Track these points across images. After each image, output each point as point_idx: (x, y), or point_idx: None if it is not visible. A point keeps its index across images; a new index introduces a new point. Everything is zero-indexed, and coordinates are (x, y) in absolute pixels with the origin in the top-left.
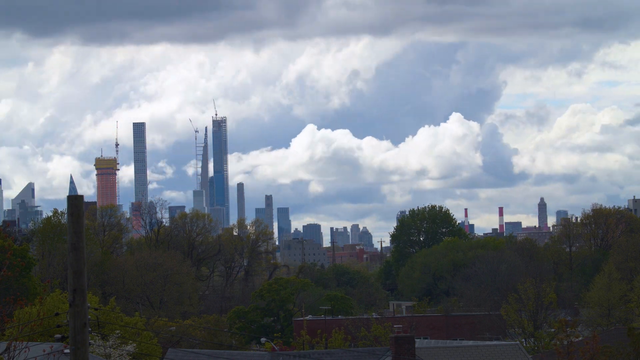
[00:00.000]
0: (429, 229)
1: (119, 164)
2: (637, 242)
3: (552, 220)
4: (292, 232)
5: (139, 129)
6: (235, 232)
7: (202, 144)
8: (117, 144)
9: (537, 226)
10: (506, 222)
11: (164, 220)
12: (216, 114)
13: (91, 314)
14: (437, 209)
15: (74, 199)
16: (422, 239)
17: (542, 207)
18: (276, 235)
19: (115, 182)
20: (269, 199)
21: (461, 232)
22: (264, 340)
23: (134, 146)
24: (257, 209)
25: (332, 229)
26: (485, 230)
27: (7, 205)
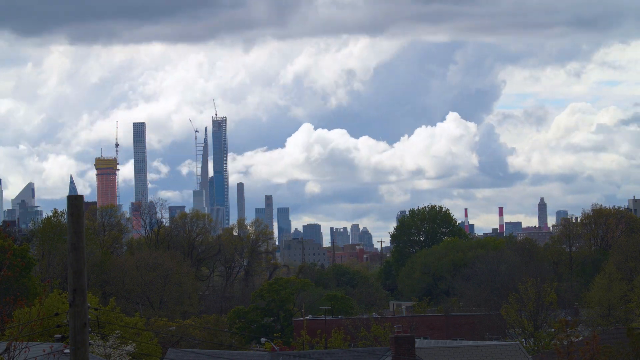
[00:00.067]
0: (429, 229)
1: (119, 164)
2: (637, 242)
3: (552, 220)
4: (292, 232)
5: (139, 129)
6: (235, 232)
7: (202, 144)
8: (117, 144)
9: (537, 226)
10: (506, 222)
11: (164, 220)
12: (216, 114)
13: (91, 314)
14: (437, 209)
15: (74, 199)
16: (422, 239)
17: (542, 207)
18: (276, 235)
19: (115, 182)
20: (269, 199)
21: (461, 232)
22: (264, 340)
23: (134, 146)
24: (257, 209)
25: (332, 229)
26: (482, 230)
27: (7, 205)
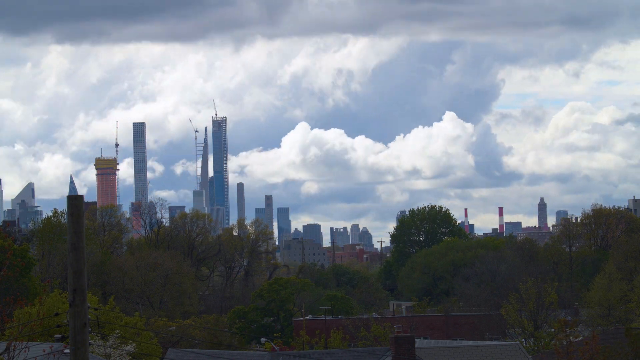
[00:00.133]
0: (429, 229)
1: (118, 164)
2: (637, 242)
3: (552, 220)
4: (292, 232)
5: (139, 129)
6: (235, 232)
7: (202, 144)
8: (116, 144)
9: (537, 226)
10: (506, 222)
11: (164, 220)
12: (216, 114)
13: (91, 314)
14: (437, 209)
15: (74, 199)
16: (422, 239)
17: (542, 207)
18: (276, 235)
19: (115, 182)
20: (269, 199)
21: (461, 232)
22: (264, 340)
23: (134, 146)
24: (257, 209)
25: (332, 229)
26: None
27: (7, 205)
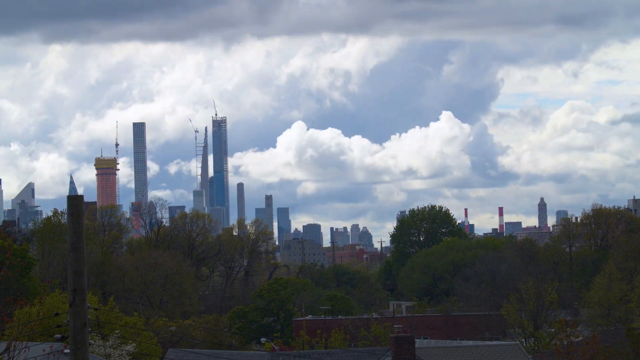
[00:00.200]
0: (429, 229)
1: (118, 164)
2: (637, 242)
3: (551, 220)
4: (292, 232)
5: (139, 129)
6: (235, 232)
7: (202, 144)
8: (116, 144)
9: (537, 226)
10: (506, 222)
11: (164, 220)
12: (216, 114)
13: (91, 314)
14: (437, 209)
15: (74, 199)
16: (422, 239)
17: (542, 207)
18: (276, 235)
19: (115, 182)
20: (269, 199)
21: (461, 232)
22: (264, 340)
23: (134, 146)
24: (257, 209)
25: (332, 229)
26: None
27: (7, 205)
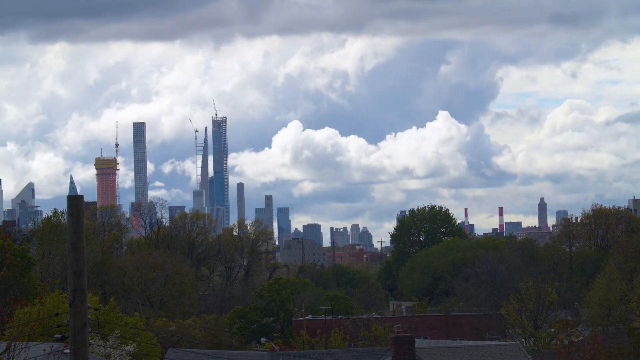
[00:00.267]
0: (429, 229)
1: (118, 164)
2: (637, 242)
3: (551, 220)
4: (292, 232)
5: (139, 129)
6: (235, 232)
7: (202, 144)
8: (116, 144)
9: (537, 226)
10: (506, 222)
11: (164, 220)
12: (216, 114)
13: (91, 314)
14: (437, 209)
15: (74, 199)
16: (422, 239)
17: (542, 207)
18: (276, 235)
19: (115, 182)
20: (269, 199)
21: (461, 232)
22: (264, 340)
23: (134, 146)
24: (257, 209)
25: (332, 229)
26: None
27: (7, 205)
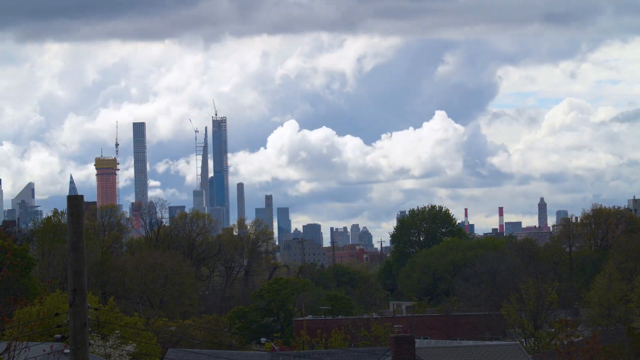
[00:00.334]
0: (429, 229)
1: (118, 164)
2: (637, 242)
3: (551, 220)
4: (292, 232)
5: (139, 129)
6: (235, 232)
7: (202, 144)
8: (117, 144)
9: (537, 226)
10: (506, 222)
11: (164, 220)
12: (216, 114)
13: (91, 314)
14: (437, 209)
15: (74, 199)
16: (422, 239)
17: (542, 207)
18: (276, 235)
19: (115, 182)
20: (269, 199)
21: (461, 232)
22: (264, 340)
23: (134, 146)
24: (257, 209)
25: (332, 229)
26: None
27: (7, 205)
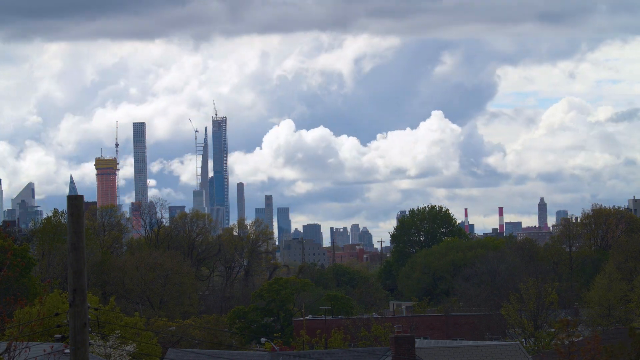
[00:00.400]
0: (429, 229)
1: (118, 164)
2: (637, 242)
3: (551, 220)
4: (292, 232)
5: (139, 129)
6: (235, 232)
7: (202, 144)
8: (117, 144)
9: (537, 226)
10: (506, 222)
11: (164, 220)
12: (216, 114)
13: (91, 314)
14: (437, 209)
15: (74, 199)
16: (422, 239)
17: (542, 207)
18: (276, 235)
19: (115, 182)
20: (269, 199)
21: (461, 232)
22: (264, 340)
23: (134, 146)
24: (257, 209)
25: (332, 229)
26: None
27: (7, 205)
